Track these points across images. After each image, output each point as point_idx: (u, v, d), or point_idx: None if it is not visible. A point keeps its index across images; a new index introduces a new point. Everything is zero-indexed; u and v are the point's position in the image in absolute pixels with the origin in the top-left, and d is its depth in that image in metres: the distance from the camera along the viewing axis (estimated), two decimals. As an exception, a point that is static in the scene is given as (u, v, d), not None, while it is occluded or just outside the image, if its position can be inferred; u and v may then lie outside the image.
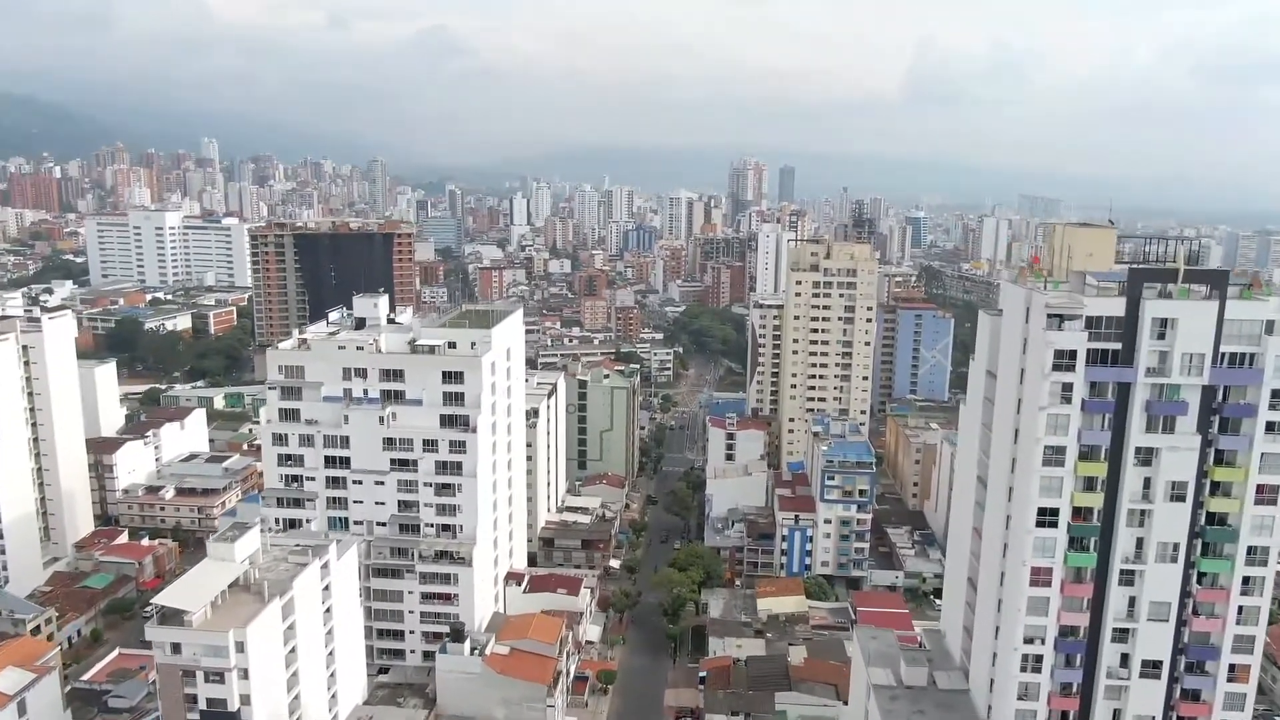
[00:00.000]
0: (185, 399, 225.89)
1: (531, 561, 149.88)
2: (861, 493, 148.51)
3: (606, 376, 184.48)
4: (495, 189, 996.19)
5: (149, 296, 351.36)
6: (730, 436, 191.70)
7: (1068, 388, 66.36)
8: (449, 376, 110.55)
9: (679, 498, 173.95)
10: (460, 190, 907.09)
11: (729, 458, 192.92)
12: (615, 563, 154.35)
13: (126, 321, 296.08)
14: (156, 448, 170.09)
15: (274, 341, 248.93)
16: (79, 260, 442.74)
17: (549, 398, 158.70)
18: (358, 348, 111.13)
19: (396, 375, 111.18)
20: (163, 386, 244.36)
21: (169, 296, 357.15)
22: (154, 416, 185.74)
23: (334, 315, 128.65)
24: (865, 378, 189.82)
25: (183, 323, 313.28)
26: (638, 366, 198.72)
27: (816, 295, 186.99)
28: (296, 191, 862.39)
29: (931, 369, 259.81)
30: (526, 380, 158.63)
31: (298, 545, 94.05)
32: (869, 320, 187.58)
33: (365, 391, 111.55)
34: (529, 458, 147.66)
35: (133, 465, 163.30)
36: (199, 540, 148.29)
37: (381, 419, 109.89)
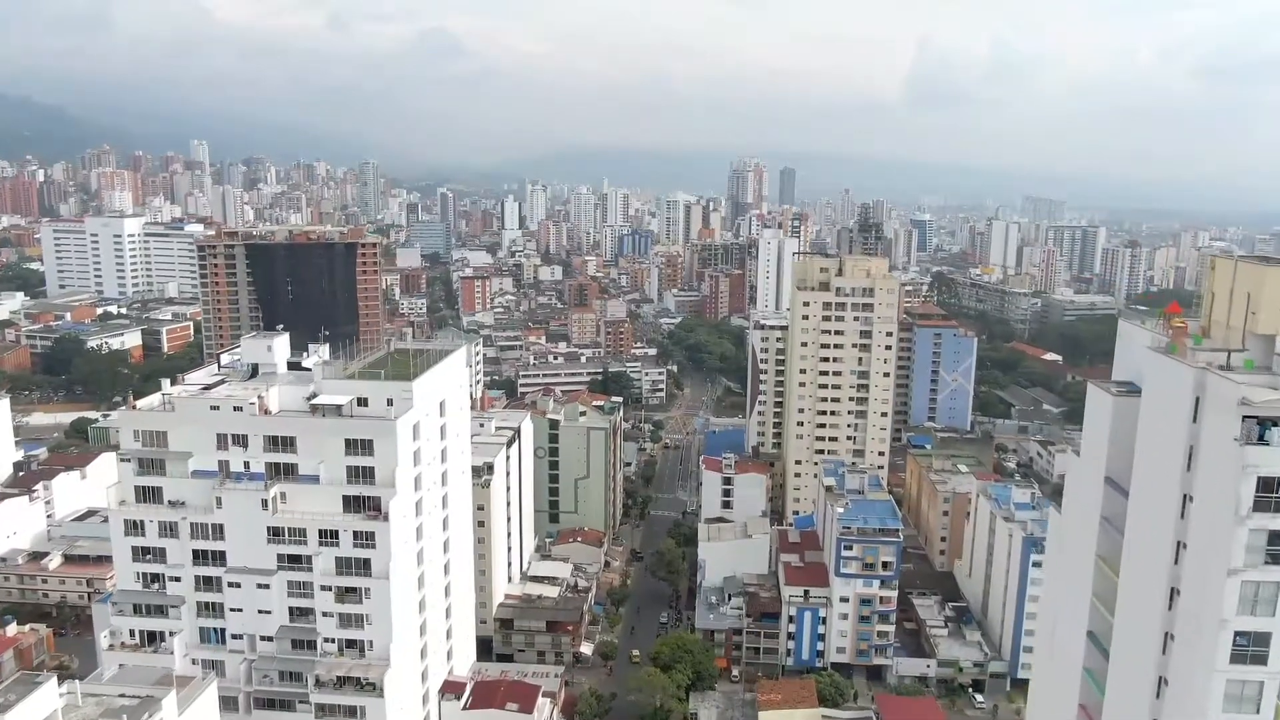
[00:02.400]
0: (116, 430, 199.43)
1: (485, 648, 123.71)
2: (885, 565, 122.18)
3: (583, 414, 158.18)
4: (494, 191, 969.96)
5: (100, 310, 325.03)
6: (727, 481, 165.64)
7: (1277, 539, 40.19)
8: (355, 446, 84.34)
9: (666, 559, 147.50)
10: (453, 193, 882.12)
11: (726, 505, 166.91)
12: (588, 648, 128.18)
13: (66, 340, 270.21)
14: (48, 503, 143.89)
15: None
16: (42, 269, 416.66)
17: (509, 446, 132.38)
18: (235, 408, 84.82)
19: (287, 444, 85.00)
20: (93, 415, 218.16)
21: (122, 310, 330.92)
22: (54, 462, 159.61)
23: (226, 359, 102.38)
24: (884, 414, 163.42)
25: (132, 340, 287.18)
26: (619, 401, 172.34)
27: (828, 319, 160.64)
28: (285, 195, 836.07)
29: (953, 393, 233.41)
30: (482, 425, 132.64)
31: (123, 696, 67.64)
32: (888, 347, 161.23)
33: (246, 465, 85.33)
34: (480, 523, 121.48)
35: (14, 527, 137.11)
36: (88, 619, 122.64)
37: (265, 502, 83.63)
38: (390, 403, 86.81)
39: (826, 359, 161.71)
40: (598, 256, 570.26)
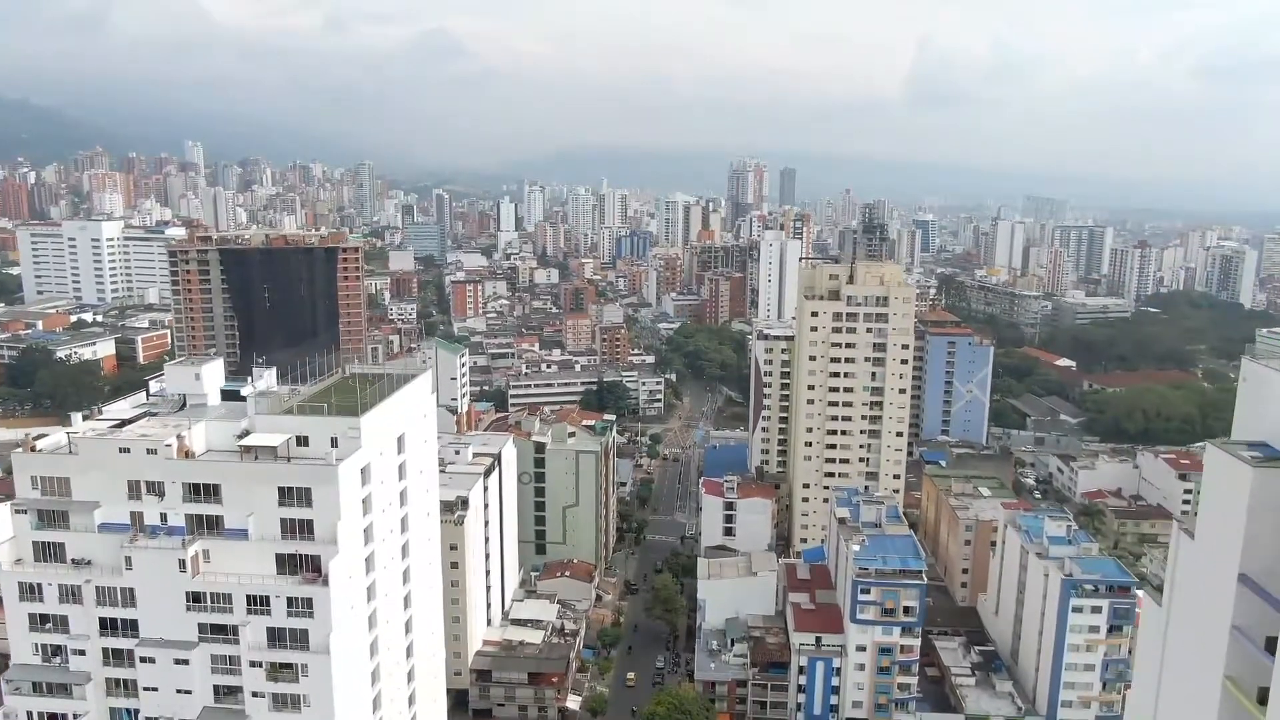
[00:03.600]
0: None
1: (460, 702, 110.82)
2: (907, 611, 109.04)
3: (572, 435, 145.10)
4: (493, 192, 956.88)
5: (74, 318, 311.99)
6: (729, 506, 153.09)
7: None
8: (290, 495, 71.35)
9: (662, 596, 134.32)
10: (449, 194, 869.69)
11: (728, 532, 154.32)
12: (575, 701, 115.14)
13: (33, 350, 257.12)
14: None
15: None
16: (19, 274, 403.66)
17: (488, 476, 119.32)
18: (149, 450, 71.77)
19: (210, 493, 71.97)
20: (48, 432, 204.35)
21: (98, 318, 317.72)
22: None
23: (156, 387, 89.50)
24: (899, 433, 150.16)
25: (104, 350, 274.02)
26: (611, 421, 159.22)
27: (838, 330, 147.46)
28: (280, 197, 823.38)
29: (967, 405, 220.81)
30: (458, 452, 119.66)
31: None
32: (904, 361, 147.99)
33: (163, 517, 72.32)
34: (453, 564, 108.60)
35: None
36: None
37: (184, 562, 70.61)
38: (335, 442, 73.85)
39: (837, 374, 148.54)
40: (595, 259, 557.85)
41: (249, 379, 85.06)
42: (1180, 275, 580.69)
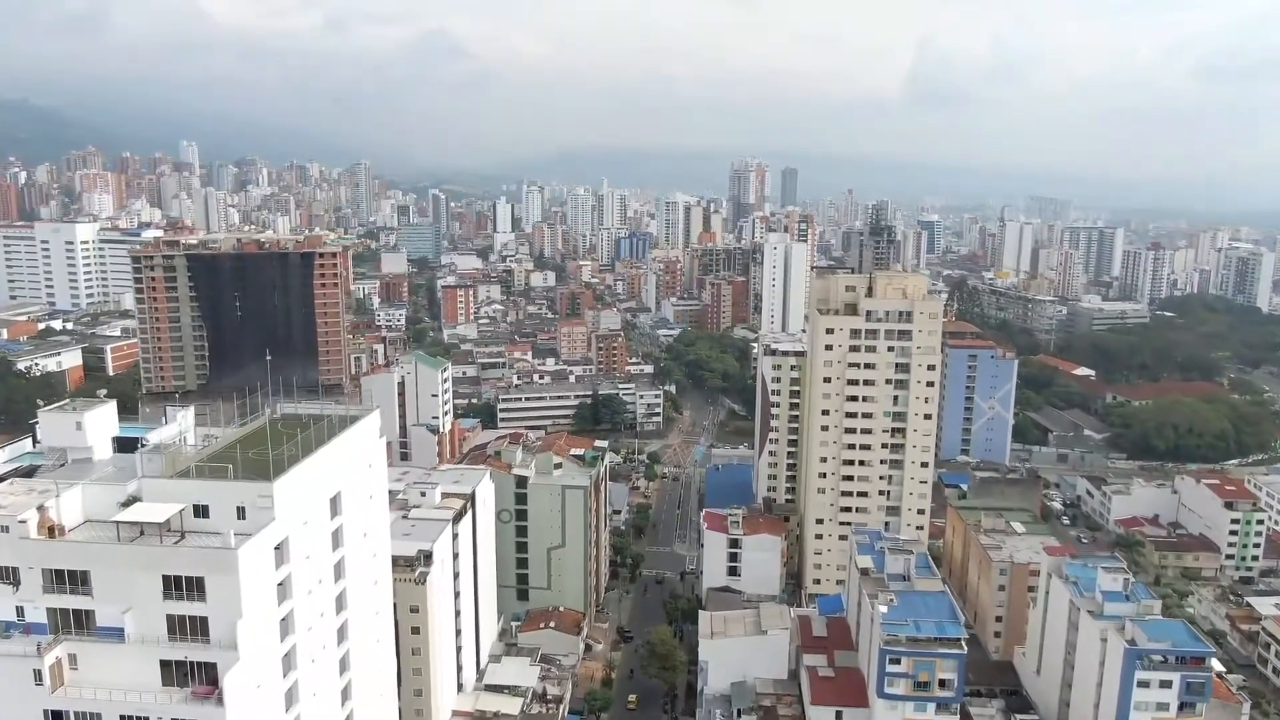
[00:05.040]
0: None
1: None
2: (944, 684, 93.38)
3: (558, 466, 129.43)
4: (492, 193, 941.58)
5: (42, 325, 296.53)
6: (734, 544, 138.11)
7: None
8: (178, 586, 55.88)
9: (660, 652, 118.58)
10: (446, 194, 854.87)
11: (732, 572, 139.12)
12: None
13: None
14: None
15: (164, 386, 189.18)
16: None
17: (457, 521, 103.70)
18: (1, 527, 56.29)
19: (79, 581, 56.56)
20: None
21: (68, 325, 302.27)
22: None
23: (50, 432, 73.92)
24: (924, 464, 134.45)
25: (70, 360, 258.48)
26: (604, 447, 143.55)
27: (856, 349, 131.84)
28: (275, 197, 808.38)
29: (989, 423, 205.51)
30: (424, 494, 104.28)
31: None
32: (929, 384, 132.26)
33: (19, 612, 56.96)
34: (415, 629, 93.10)
35: None
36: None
37: (41, 672, 55.16)
38: (242, 512, 58.44)
39: (855, 397, 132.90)
40: (594, 261, 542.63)
41: (162, 421, 69.84)
42: (1194, 278, 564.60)
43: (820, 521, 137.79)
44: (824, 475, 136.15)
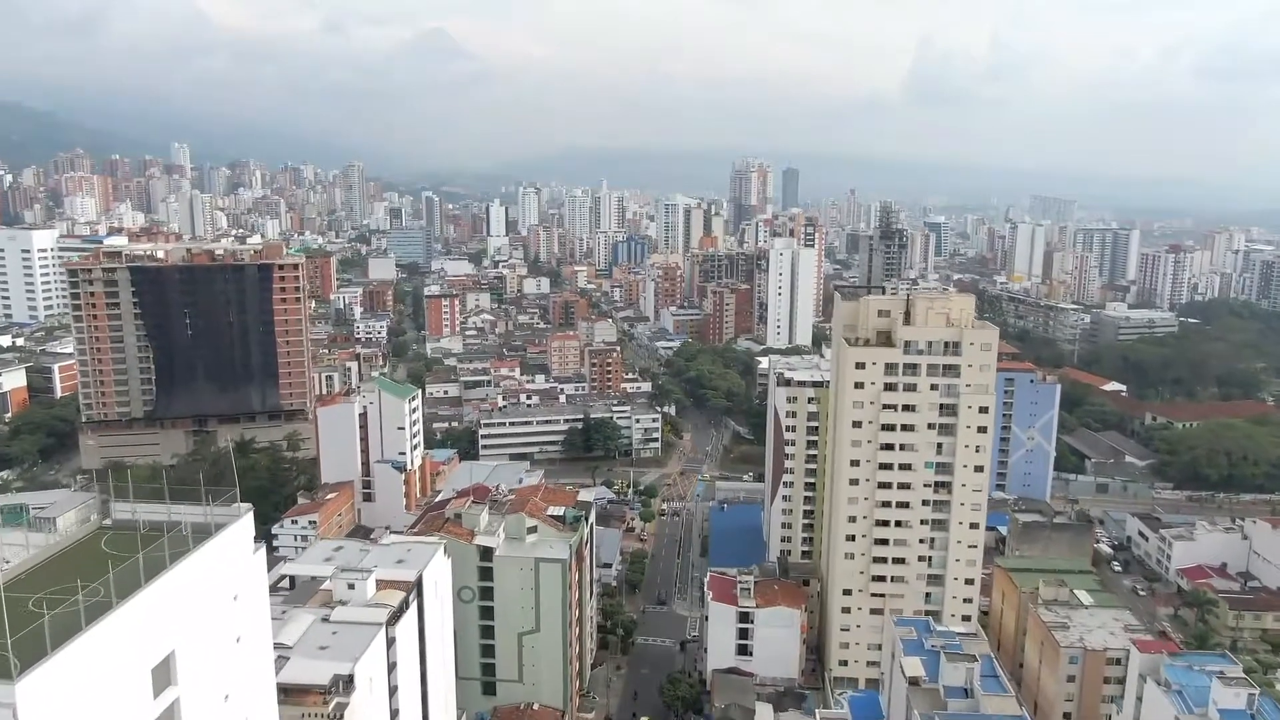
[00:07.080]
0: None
1: None
2: None
3: (532, 530, 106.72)
4: (490, 194, 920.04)
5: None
6: (744, 618, 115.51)
7: None
8: None
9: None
10: (441, 196, 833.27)
11: (742, 651, 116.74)
12: None
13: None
14: None
15: (107, 414, 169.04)
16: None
17: (393, 623, 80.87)
18: None
19: None
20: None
21: (18, 342, 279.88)
22: None
23: None
24: (975, 524, 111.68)
25: (13, 381, 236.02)
26: (589, 504, 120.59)
27: (891, 387, 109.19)
28: (265, 200, 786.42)
29: (1029, 455, 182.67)
30: (351, 587, 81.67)
31: None
32: (982, 429, 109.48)
33: None
34: (331, 780, 70.20)
35: None
36: None
37: None
38: (-26, 727, 35.71)
39: (890, 445, 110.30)
40: (590, 265, 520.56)
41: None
42: (1215, 282, 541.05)
43: (848, 593, 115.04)
44: (852, 538, 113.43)
